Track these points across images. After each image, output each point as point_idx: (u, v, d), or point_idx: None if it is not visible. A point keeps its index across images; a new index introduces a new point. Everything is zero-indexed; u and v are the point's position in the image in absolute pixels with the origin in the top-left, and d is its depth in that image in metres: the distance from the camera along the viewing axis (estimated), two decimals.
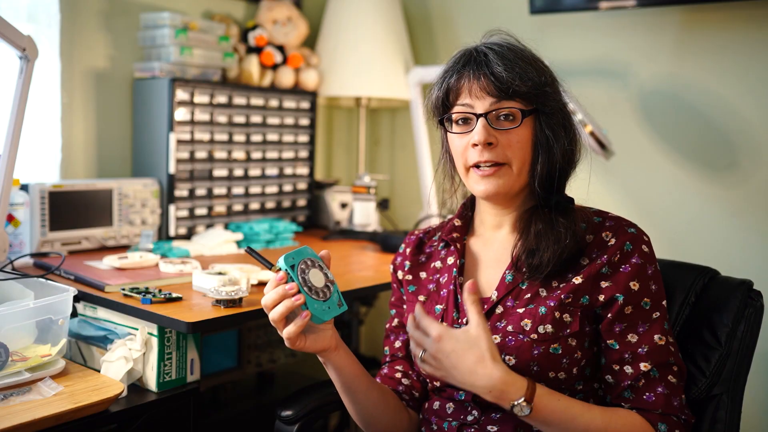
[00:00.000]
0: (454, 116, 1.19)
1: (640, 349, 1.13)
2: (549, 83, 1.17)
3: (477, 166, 1.17)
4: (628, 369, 1.13)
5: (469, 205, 1.34)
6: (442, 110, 1.21)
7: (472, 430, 1.18)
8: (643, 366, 1.12)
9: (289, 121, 2.43)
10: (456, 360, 1.06)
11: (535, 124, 1.17)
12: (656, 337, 1.13)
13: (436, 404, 1.25)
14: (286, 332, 1.12)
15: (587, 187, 1.25)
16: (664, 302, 1.16)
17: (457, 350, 1.06)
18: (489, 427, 1.17)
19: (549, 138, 1.16)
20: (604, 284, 1.15)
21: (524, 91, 1.14)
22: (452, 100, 1.19)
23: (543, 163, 1.16)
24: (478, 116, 1.15)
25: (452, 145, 1.22)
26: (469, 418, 1.19)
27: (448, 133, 1.22)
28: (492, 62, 1.15)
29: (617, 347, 1.14)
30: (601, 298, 1.14)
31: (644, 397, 1.12)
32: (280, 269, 1.12)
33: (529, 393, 1.06)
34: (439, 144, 1.30)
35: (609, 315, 1.14)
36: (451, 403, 1.22)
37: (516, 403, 1.05)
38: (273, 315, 1.11)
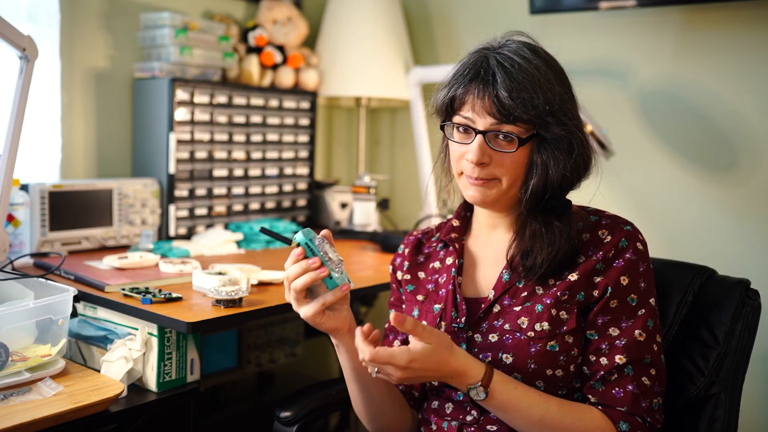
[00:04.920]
0: (455, 124, 1.19)
1: (617, 342, 1.13)
2: (556, 110, 1.13)
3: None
4: (603, 360, 1.14)
5: (468, 205, 1.34)
6: (445, 115, 1.21)
7: (472, 429, 1.18)
8: (618, 359, 1.12)
9: (289, 121, 2.43)
10: (424, 372, 1.08)
11: (533, 147, 1.15)
12: (636, 332, 1.13)
13: (435, 404, 1.25)
14: (323, 299, 1.16)
15: (592, 195, 1.25)
16: (652, 301, 1.16)
17: (424, 365, 1.07)
18: (488, 427, 1.17)
19: (546, 163, 1.14)
20: (597, 279, 1.15)
21: (525, 118, 1.12)
22: (456, 108, 1.18)
23: (536, 183, 1.15)
24: (477, 132, 1.15)
25: (450, 148, 1.22)
26: (469, 418, 1.19)
27: (448, 139, 1.23)
28: (498, 84, 1.12)
29: (596, 338, 1.15)
30: (595, 293, 1.15)
31: (613, 391, 1.13)
32: (298, 244, 1.15)
33: (486, 378, 1.09)
34: (439, 141, 1.30)
35: (595, 308, 1.15)
36: (450, 403, 1.23)
37: (472, 387, 1.09)
38: (296, 284, 1.15)
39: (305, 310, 1.17)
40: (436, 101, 1.22)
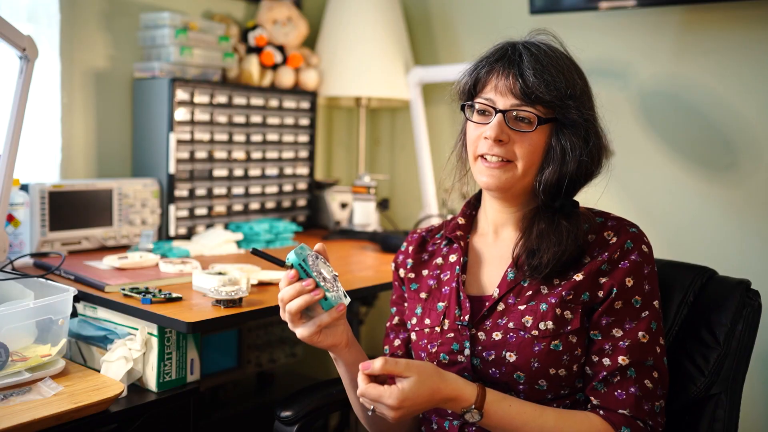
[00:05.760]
0: (476, 106, 1.21)
1: (621, 343, 1.13)
2: (576, 96, 1.16)
3: (485, 157, 1.19)
4: (606, 361, 1.14)
5: (473, 204, 1.35)
6: (467, 97, 1.24)
7: (473, 429, 1.19)
8: (621, 360, 1.12)
9: (289, 121, 2.43)
10: (418, 406, 1.08)
11: (552, 132, 1.18)
12: (640, 333, 1.13)
13: None
14: (319, 320, 1.14)
15: (600, 195, 1.25)
16: (656, 303, 1.17)
17: (416, 400, 1.07)
18: None
19: (564, 148, 1.17)
20: (602, 280, 1.16)
21: (547, 99, 1.15)
22: (478, 90, 1.21)
23: (552, 171, 1.17)
24: (497, 111, 1.17)
25: (468, 132, 1.24)
26: None
27: (467, 120, 1.24)
28: (524, 64, 1.16)
29: (600, 338, 1.15)
30: (600, 294, 1.16)
31: (615, 393, 1.13)
32: (292, 266, 1.13)
33: (479, 400, 1.09)
34: (442, 141, 1.30)
35: (599, 308, 1.15)
36: None
37: (467, 410, 1.09)
38: (291, 307, 1.12)
39: (301, 331, 1.16)
40: (459, 84, 1.24)
